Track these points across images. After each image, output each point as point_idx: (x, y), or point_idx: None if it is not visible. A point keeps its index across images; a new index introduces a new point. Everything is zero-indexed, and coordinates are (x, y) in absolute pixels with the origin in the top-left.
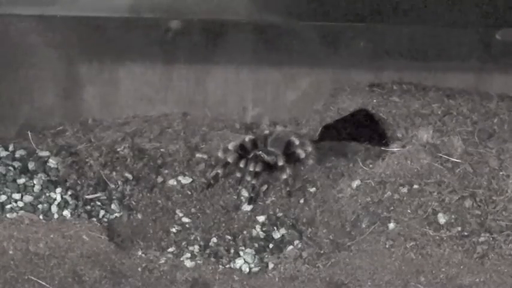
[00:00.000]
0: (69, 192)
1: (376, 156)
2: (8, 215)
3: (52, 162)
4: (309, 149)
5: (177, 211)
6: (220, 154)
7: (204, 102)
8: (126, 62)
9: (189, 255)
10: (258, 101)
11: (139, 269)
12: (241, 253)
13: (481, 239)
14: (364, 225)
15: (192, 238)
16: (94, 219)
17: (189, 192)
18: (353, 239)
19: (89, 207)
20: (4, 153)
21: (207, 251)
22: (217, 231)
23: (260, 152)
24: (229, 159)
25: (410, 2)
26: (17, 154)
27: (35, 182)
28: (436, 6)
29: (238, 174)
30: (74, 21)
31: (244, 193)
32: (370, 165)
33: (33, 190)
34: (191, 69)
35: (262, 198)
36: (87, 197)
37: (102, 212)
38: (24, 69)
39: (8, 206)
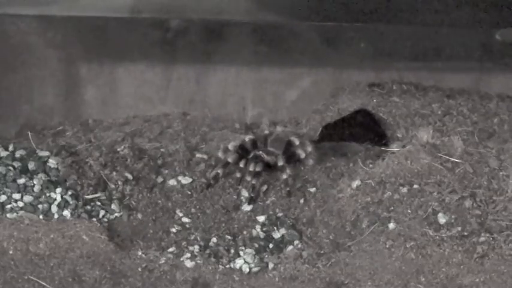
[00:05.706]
0: (69, 192)
1: (376, 156)
2: (8, 215)
3: (52, 162)
4: (309, 149)
5: (177, 211)
6: (220, 154)
7: (204, 102)
8: (126, 62)
9: (189, 255)
10: (258, 101)
11: (139, 269)
12: (241, 253)
13: (481, 239)
14: (364, 225)
15: (192, 238)
16: (94, 219)
17: (189, 192)
18: (353, 239)
19: (89, 207)
20: (4, 153)
21: (207, 251)
22: (217, 231)
23: (260, 152)
24: (229, 159)
25: (410, 2)
26: (17, 154)
27: (35, 182)
28: (436, 6)
29: (238, 174)
30: (74, 21)
31: (244, 193)
32: (370, 165)
33: (33, 190)
34: (191, 69)
35: (262, 198)
36: (87, 197)
37: (102, 212)
38: (24, 69)
39: (8, 206)
